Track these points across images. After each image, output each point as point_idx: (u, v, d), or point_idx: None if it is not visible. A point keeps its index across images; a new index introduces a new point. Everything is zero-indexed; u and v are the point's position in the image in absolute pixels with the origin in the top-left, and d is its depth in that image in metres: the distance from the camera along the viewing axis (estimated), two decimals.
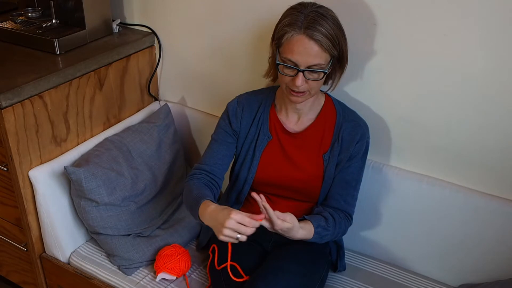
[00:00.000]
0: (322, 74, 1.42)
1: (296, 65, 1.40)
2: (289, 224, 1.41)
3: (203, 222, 1.46)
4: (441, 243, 1.71)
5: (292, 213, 1.64)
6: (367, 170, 1.69)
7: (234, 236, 1.35)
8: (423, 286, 1.73)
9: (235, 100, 1.64)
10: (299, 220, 1.49)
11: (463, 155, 1.63)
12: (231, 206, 1.68)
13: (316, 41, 1.37)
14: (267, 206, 1.38)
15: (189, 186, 1.57)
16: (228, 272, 1.54)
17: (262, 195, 1.40)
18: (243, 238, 1.36)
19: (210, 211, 1.41)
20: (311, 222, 1.51)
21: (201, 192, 1.52)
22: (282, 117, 1.62)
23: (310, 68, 1.40)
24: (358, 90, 1.72)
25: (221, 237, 1.35)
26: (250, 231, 1.35)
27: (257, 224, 1.36)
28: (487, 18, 1.43)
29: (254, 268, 1.56)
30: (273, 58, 1.53)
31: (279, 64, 1.44)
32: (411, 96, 1.64)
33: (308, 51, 1.38)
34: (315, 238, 1.52)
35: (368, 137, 1.61)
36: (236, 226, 1.33)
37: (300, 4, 1.44)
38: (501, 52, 1.46)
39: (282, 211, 1.63)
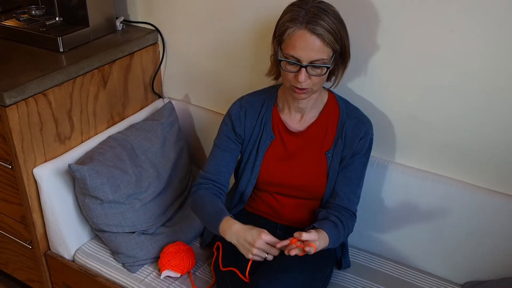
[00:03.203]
0: (325, 69, 1.42)
1: (298, 60, 1.40)
2: (318, 242, 1.40)
3: (221, 236, 1.49)
4: (446, 240, 1.70)
5: (296, 212, 1.64)
6: (372, 167, 1.68)
7: (263, 256, 1.41)
8: (428, 284, 1.72)
9: (237, 103, 1.64)
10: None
11: (468, 152, 1.63)
12: (235, 206, 1.69)
13: (318, 35, 1.36)
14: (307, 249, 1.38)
15: (199, 196, 1.60)
16: (233, 272, 1.55)
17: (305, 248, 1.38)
18: (270, 258, 1.42)
19: (236, 230, 1.45)
20: (323, 230, 1.49)
21: (217, 206, 1.56)
22: (284, 116, 1.61)
23: (312, 64, 1.39)
24: (362, 86, 1.71)
25: (250, 256, 1.41)
26: (276, 253, 1.41)
27: (284, 246, 1.40)
28: (492, 15, 1.42)
29: (258, 266, 1.55)
30: (275, 55, 1.52)
31: (282, 60, 1.43)
32: (415, 93, 1.63)
33: (310, 46, 1.37)
34: (331, 245, 1.50)
35: (372, 134, 1.60)
36: (266, 247, 1.40)
37: (300, 0, 1.44)
38: (505, 48, 1.45)
39: (286, 209, 1.64)
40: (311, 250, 1.37)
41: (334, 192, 1.61)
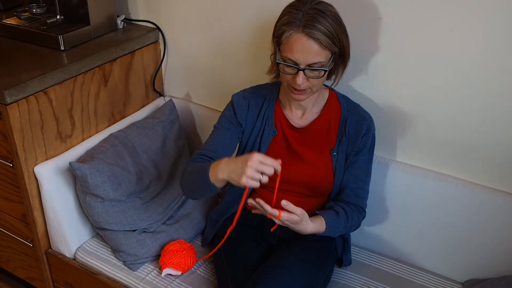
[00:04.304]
0: (323, 71, 1.42)
1: (296, 63, 1.39)
2: (297, 217, 1.39)
3: (214, 186, 1.39)
4: (447, 238, 1.70)
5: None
6: (373, 166, 1.68)
7: (257, 177, 1.29)
8: (429, 282, 1.72)
9: (240, 94, 1.63)
10: (311, 216, 1.48)
11: (469, 150, 1.63)
12: (236, 201, 1.68)
13: (315, 39, 1.36)
14: (263, 203, 1.36)
15: (191, 166, 1.52)
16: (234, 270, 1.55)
17: (258, 199, 1.37)
18: (265, 179, 1.30)
19: (224, 162, 1.36)
20: (322, 216, 1.51)
21: (202, 163, 1.48)
22: (287, 112, 1.61)
23: (310, 67, 1.39)
24: (363, 85, 1.71)
25: (243, 180, 1.28)
26: (271, 171, 1.30)
27: (278, 165, 1.31)
28: (493, 13, 1.42)
29: (259, 264, 1.56)
30: (274, 55, 1.52)
31: (280, 63, 1.43)
32: (416, 91, 1.63)
33: (307, 49, 1.37)
34: (328, 232, 1.51)
35: (374, 130, 1.60)
36: (259, 166, 1.28)
37: (298, 0, 1.42)
38: (505, 47, 1.45)
39: None
40: (274, 212, 1.36)
41: (341, 189, 1.62)
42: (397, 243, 1.80)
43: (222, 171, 1.35)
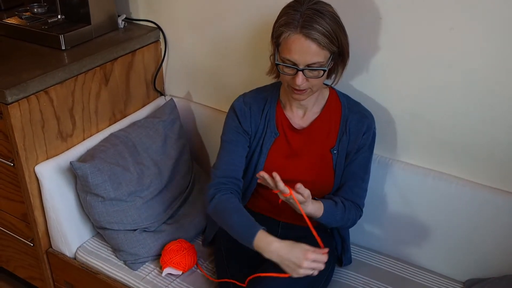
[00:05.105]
0: (322, 71, 1.42)
1: (295, 64, 1.39)
2: (302, 198, 1.41)
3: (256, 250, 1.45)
4: (447, 237, 1.70)
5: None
6: (373, 165, 1.68)
7: (309, 273, 1.39)
8: (429, 281, 1.72)
9: (241, 99, 1.63)
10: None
11: (469, 149, 1.63)
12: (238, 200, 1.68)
13: (313, 40, 1.35)
14: (278, 179, 1.38)
15: (221, 202, 1.53)
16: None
17: (275, 174, 1.38)
18: (316, 273, 1.40)
19: (277, 250, 1.41)
20: (320, 201, 1.52)
21: (245, 216, 1.50)
22: (288, 112, 1.61)
23: (309, 67, 1.39)
24: (364, 84, 1.71)
25: (295, 275, 1.38)
26: (322, 267, 1.40)
27: (326, 258, 1.40)
28: (493, 11, 1.42)
29: (260, 264, 1.55)
30: (273, 56, 1.52)
31: (279, 64, 1.43)
32: (416, 90, 1.63)
33: (305, 50, 1.37)
34: (324, 217, 1.51)
35: (374, 128, 1.60)
36: (313, 265, 1.38)
37: (296, 1, 1.42)
38: (506, 46, 1.45)
39: (290, 206, 1.64)
40: (285, 190, 1.38)
41: (340, 186, 1.62)
42: (397, 242, 1.80)
43: (270, 255, 1.42)
